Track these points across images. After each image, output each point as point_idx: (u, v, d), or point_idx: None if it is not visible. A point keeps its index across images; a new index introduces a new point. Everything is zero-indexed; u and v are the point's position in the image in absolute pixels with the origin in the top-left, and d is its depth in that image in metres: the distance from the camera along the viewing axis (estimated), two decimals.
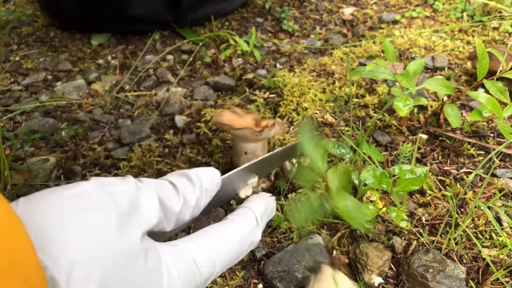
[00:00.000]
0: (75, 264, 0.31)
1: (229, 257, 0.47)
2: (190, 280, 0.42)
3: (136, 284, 0.35)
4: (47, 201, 0.33)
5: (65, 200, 0.33)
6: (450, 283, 0.57)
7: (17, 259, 0.27)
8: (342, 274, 0.56)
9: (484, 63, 0.72)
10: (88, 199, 0.34)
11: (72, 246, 0.31)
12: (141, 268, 0.36)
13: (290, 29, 1.23)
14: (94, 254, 0.32)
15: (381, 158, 0.68)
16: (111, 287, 0.33)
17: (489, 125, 0.86)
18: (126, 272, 0.34)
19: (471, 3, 1.25)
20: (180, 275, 0.41)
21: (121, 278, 0.34)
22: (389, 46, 0.79)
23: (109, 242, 0.34)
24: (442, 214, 0.69)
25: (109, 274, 0.33)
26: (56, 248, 0.31)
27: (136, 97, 1.01)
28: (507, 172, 0.76)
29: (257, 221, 0.53)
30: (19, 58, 1.17)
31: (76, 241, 0.32)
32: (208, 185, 0.49)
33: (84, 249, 0.32)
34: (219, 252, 0.46)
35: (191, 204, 0.46)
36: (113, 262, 0.33)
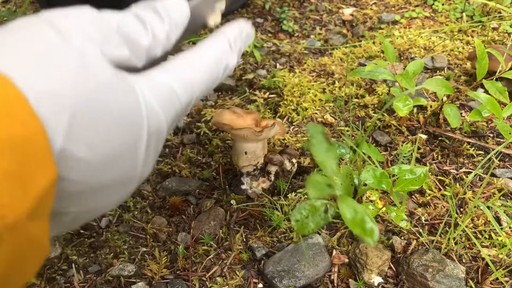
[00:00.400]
0: (40, 98, 0.29)
1: (205, 80, 0.45)
2: (170, 107, 0.40)
3: (111, 112, 0.33)
4: None
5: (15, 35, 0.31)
6: (449, 282, 0.57)
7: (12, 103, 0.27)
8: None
9: (483, 63, 0.72)
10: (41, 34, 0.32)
11: (34, 81, 0.29)
12: (113, 94, 0.34)
13: (290, 29, 1.23)
14: (58, 86, 0.30)
15: (380, 158, 0.68)
16: (84, 119, 0.31)
17: (488, 125, 0.86)
18: (97, 100, 0.32)
19: (471, 3, 1.26)
20: (159, 102, 0.39)
21: (94, 107, 0.32)
22: (389, 47, 0.80)
23: (73, 72, 0.32)
24: (441, 214, 0.69)
25: (80, 105, 0.31)
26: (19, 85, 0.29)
27: None
28: (506, 172, 0.76)
29: (230, 43, 0.50)
30: None
31: (37, 76, 0.30)
32: (178, 17, 0.46)
33: (47, 82, 0.30)
34: (195, 76, 0.44)
35: (160, 38, 0.43)
36: (81, 92, 0.31)
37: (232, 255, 0.65)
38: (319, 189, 0.47)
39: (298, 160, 0.78)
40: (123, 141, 0.35)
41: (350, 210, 0.55)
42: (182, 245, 0.65)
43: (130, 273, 0.62)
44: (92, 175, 0.33)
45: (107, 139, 0.33)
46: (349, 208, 0.55)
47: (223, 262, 0.64)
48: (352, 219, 0.54)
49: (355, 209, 0.55)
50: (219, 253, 0.65)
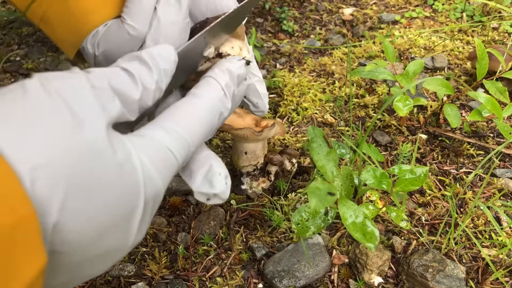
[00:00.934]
0: (35, 171, 0.28)
1: (201, 133, 0.44)
2: (167, 168, 0.39)
3: (107, 181, 0.32)
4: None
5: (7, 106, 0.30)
6: (449, 282, 0.57)
7: (1, 188, 0.26)
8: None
9: (483, 63, 0.72)
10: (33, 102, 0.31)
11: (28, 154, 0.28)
12: (110, 163, 0.33)
13: (290, 29, 1.23)
14: (53, 157, 0.29)
15: (380, 158, 0.68)
16: (80, 190, 0.31)
17: (488, 125, 0.86)
18: (93, 169, 0.32)
19: (471, 3, 1.25)
20: (156, 165, 0.38)
21: (90, 177, 0.31)
22: (389, 46, 0.79)
23: (68, 141, 0.30)
24: (441, 214, 0.69)
25: (76, 176, 0.30)
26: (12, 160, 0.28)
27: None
28: (506, 172, 0.76)
29: (224, 90, 0.48)
30: (20, 58, 1.17)
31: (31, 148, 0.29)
32: (166, 65, 0.44)
33: (41, 154, 0.29)
34: (190, 131, 0.43)
35: (150, 88, 0.42)
36: (77, 161, 0.30)
37: (232, 255, 0.64)
38: (321, 198, 0.47)
39: (298, 160, 0.78)
40: (119, 211, 0.34)
41: (350, 214, 0.55)
42: (182, 245, 0.65)
43: (130, 273, 0.62)
44: (86, 247, 0.33)
45: (103, 211, 0.32)
46: (350, 211, 0.55)
47: (223, 262, 0.64)
48: (352, 223, 0.54)
49: (355, 213, 0.55)
50: (219, 253, 0.65)
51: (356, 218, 0.54)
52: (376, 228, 0.54)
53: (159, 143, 0.39)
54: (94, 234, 0.32)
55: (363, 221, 0.54)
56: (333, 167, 0.58)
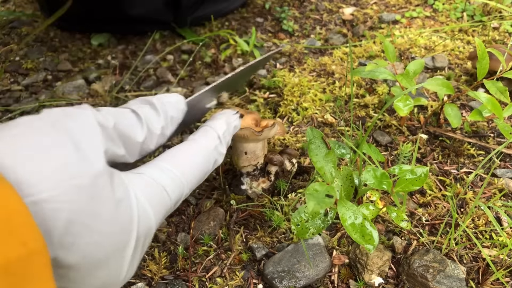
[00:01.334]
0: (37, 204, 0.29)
1: (195, 177, 0.47)
2: (161, 206, 0.41)
3: (105, 217, 0.34)
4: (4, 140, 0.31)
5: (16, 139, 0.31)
6: (450, 283, 0.57)
7: (14, 222, 0.26)
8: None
9: (484, 63, 0.72)
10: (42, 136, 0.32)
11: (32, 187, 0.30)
12: (109, 199, 0.34)
13: (290, 29, 1.23)
14: (58, 191, 0.30)
15: (381, 158, 0.68)
16: (79, 223, 0.32)
17: (489, 125, 0.86)
18: (93, 205, 0.33)
19: (471, 3, 1.25)
20: (150, 202, 0.39)
21: (89, 212, 0.32)
22: (389, 46, 0.79)
23: (71, 177, 0.32)
24: (442, 214, 0.69)
25: (76, 210, 0.32)
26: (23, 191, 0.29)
27: (136, 97, 1.01)
28: (507, 172, 0.76)
29: (220, 139, 0.52)
30: (19, 58, 1.16)
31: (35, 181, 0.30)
32: (174, 113, 0.47)
33: (49, 187, 0.30)
34: (186, 173, 0.45)
35: (156, 133, 0.44)
36: (78, 196, 0.32)
37: (232, 256, 0.64)
38: (319, 201, 0.47)
39: (298, 160, 0.78)
40: (113, 246, 0.35)
41: (349, 215, 0.55)
42: (181, 246, 0.65)
43: None
44: (79, 282, 0.33)
45: (98, 246, 0.33)
46: (349, 212, 0.55)
47: (223, 262, 0.64)
48: (351, 224, 0.54)
49: (354, 214, 0.55)
50: (219, 253, 0.65)
51: (356, 219, 0.54)
52: (375, 229, 0.54)
53: (156, 182, 0.41)
54: (87, 268, 0.33)
55: (362, 223, 0.54)
56: (331, 168, 0.58)
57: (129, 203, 0.37)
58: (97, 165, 0.34)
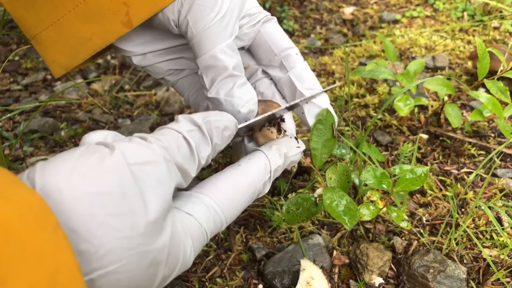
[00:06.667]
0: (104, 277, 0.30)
1: (235, 215, 0.46)
2: (200, 246, 0.42)
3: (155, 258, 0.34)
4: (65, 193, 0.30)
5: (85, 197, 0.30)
6: (450, 283, 0.56)
7: (61, 280, 0.26)
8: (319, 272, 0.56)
9: (484, 63, 0.71)
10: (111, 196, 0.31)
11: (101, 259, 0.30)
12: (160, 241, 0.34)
13: (290, 28, 1.23)
14: (123, 262, 0.31)
15: (381, 158, 0.67)
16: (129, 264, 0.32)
17: (489, 125, 0.86)
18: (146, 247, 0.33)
19: (472, 2, 1.25)
20: (194, 246, 0.40)
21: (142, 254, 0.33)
22: (390, 46, 0.79)
23: (138, 244, 0.32)
24: (442, 214, 0.69)
25: (135, 277, 0.32)
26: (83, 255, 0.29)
27: (135, 97, 1.01)
28: (507, 172, 0.76)
29: (271, 174, 0.49)
30: (19, 58, 1.16)
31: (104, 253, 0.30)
32: (218, 139, 0.44)
33: (113, 260, 0.30)
34: (229, 214, 0.44)
35: (201, 163, 0.42)
36: (140, 265, 0.32)
37: (232, 256, 0.64)
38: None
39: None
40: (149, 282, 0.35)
41: (332, 198, 0.55)
42: None
43: None
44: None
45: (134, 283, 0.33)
46: (333, 196, 0.55)
47: (223, 262, 0.63)
48: (329, 204, 0.54)
49: (339, 197, 0.55)
50: (218, 253, 0.65)
51: (339, 203, 0.55)
52: (357, 209, 0.55)
53: (200, 226, 0.41)
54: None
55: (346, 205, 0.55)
56: (325, 154, 0.58)
57: (177, 244, 0.37)
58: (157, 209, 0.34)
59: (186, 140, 0.40)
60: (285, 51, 0.55)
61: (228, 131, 0.45)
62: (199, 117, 0.43)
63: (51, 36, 0.50)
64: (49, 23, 0.49)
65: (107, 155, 0.33)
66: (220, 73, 0.48)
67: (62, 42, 0.50)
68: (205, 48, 0.47)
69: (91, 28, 0.49)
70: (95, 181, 0.31)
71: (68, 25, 0.49)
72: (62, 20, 0.49)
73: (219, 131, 0.44)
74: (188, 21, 0.47)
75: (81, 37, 0.49)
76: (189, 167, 0.40)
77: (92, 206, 0.30)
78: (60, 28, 0.49)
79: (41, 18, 0.49)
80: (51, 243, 0.26)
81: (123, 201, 0.32)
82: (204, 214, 0.42)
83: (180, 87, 0.60)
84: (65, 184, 0.30)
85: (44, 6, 0.48)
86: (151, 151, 0.36)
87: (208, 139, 0.42)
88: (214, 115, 0.44)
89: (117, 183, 0.32)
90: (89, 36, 0.49)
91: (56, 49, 0.51)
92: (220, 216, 0.43)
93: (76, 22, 0.48)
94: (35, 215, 0.26)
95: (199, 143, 0.42)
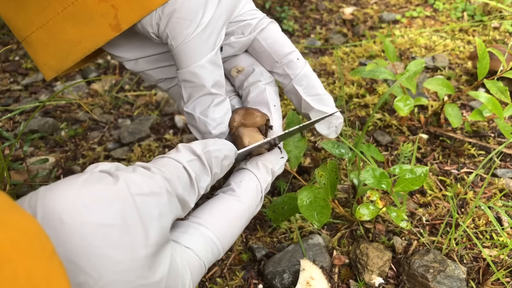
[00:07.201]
0: None
1: (233, 241, 0.46)
2: (198, 277, 0.41)
3: None
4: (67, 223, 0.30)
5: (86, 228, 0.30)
6: (450, 283, 0.56)
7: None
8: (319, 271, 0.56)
9: (484, 63, 0.71)
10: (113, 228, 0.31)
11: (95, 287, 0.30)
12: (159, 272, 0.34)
13: (290, 28, 1.23)
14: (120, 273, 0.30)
15: (381, 158, 0.67)
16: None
17: (489, 125, 0.86)
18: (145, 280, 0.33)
19: (472, 2, 1.25)
20: (193, 279, 0.40)
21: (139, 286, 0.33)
22: (390, 46, 0.79)
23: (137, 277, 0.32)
24: (442, 214, 0.69)
25: None
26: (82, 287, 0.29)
27: (135, 97, 1.01)
28: (507, 172, 0.76)
29: (262, 193, 0.49)
30: (19, 58, 1.16)
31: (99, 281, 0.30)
32: (218, 169, 0.44)
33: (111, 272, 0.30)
34: (226, 242, 0.44)
35: (200, 193, 0.42)
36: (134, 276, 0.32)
37: (232, 256, 0.64)
38: None
39: None
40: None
41: (307, 197, 0.56)
42: None
43: None
44: None
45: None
46: (308, 195, 0.56)
47: (223, 262, 0.64)
48: (301, 203, 0.56)
49: (314, 195, 0.56)
50: None
51: (308, 199, 0.56)
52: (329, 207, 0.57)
53: (199, 259, 0.41)
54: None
55: (312, 200, 0.56)
56: (299, 154, 0.59)
57: (176, 276, 0.37)
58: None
59: (186, 170, 0.40)
60: (286, 58, 0.55)
61: (228, 160, 0.45)
62: (198, 146, 0.43)
63: (41, 38, 0.50)
64: (39, 25, 0.49)
65: (110, 184, 0.33)
66: (198, 90, 0.48)
67: (52, 45, 0.50)
68: (184, 62, 0.47)
69: (80, 31, 0.48)
70: (98, 212, 0.31)
71: (57, 27, 0.48)
72: (51, 23, 0.48)
73: (218, 160, 0.44)
74: (168, 34, 0.46)
75: (71, 40, 0.49)
76: (189, 198, 0.40)
77: (93, 237, 0.30)
78: (50, 31, 0.49)
79: (31, 20, 0.49)
80: (45, 271, 0.25)
81: (125, 233, 0.31)
82: (203, 247, 0.42)
83: (172, 94, 0.59)
84: (66, 214, 0.30)
85: (34, 8, 0.48)
86: (154, 182, 0.36)
87: (207, 169, 0.42)
88: (214, 144, 0.44)
89: (120, 214, 0.32)
90: (79, 39, 0.49)
91: (46, 52, 0.51)
92: (217, 246, 0.43)
93: (65, 24, 0.48)
94: (30, 242, 0.25)
95: (199, 173, 0.42)
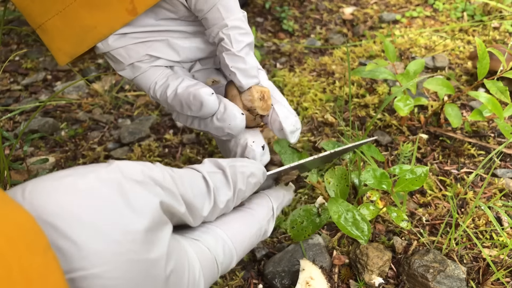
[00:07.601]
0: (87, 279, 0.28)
1: (245, 251, 0.46)
2: (211, 278, 0.41)
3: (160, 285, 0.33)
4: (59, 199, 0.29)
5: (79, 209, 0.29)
6: (450, 283, 0.56)
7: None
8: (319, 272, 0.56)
9: (484, 63, 0.71)
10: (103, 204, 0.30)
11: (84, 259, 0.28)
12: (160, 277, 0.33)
13: (290, 28, 1.23)
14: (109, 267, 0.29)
15: (381, 158, 0.67)
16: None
17: (489, 125, 0.86)
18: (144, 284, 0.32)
19: (472, 2, 1.25)
20: (204, 274, 0.39)
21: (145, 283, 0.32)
22: (390, 46, 0.79)
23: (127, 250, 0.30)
24: (442, 214, 0.69)
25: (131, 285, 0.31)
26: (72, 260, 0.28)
27: (135, 97, 1.01)
28: (507, 172, 0.76)
29: (273, 212, 0.50)
30: (19, 58, 1.16)
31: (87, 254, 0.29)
32: (243, 186, 0.43)
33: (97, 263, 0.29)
34: (238, 247, 0.44)
35: (219, 207, 0.41)
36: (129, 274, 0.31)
37: None
38: None
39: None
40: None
41: (338, 211, 0.56)
42: None
43: None
44: None
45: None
46: (339, 209, 0.56)
47: None
48: (338, 219, 0.55)
49: (346, 210, 0.56)
50: None
51: (347, 215, 0.55)
52: (368, 223, 0.55)
53: (209, 252, 0.40)
54: None
55: (353, 216, 0.55)
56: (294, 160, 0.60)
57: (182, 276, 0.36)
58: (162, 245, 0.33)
59: (205, 179, 0.40)
60: None
61: (254, 178, 0.45)
62: (224, 161, 0.42)
63: (57, 25, 0.50)
64: (55, 13, 0.50)
65: (102, 167, 0.33)
66: None
67: (68, 31, 0.50)
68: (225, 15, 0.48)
69: (95, 17, 0.49)
70: (87, 189, 0.30)
71: (73, 13, 0.49)
72: (67, 9, 0.49)
73: (244, 176, 0.43)
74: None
75: (86, 25, 0.50)
76: (200, 205, 0.39)
77: (80, 210, 0.29)
78: (66, 17, 0.50)
79: (47, 8, 0.49)
80: (40, 266, 0.25)
81: (114, 209, 0.31)
82: (212, 241, 0.41)
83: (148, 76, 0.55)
84: (53, 188, 0.29)
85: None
86: (147, 168, 0.35)
87: (230, 183, 0.42)
88: (242, 161, 0.44)
89: (111, 192, 0.31)
90: (94, 25, 0.50)
91: (61, 38, 0.51)
92: (229, 245, 0.42)
93: (81, 10, 0.49)
94: (24, 237, 0.25)
95: (220, 186, 0.41)
